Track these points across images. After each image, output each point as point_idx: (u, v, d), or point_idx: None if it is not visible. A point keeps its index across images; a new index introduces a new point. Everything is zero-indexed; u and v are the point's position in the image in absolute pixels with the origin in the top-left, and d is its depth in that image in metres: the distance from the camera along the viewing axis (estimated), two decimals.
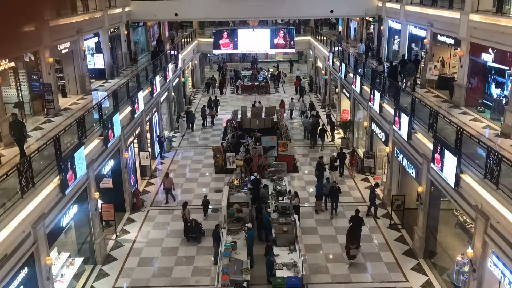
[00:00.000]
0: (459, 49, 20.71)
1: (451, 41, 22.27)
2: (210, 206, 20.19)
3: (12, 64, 18.35)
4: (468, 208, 12.86)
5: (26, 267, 11.42)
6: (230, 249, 15.54)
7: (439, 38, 23.46)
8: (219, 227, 16.99)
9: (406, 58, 25.11)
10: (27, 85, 19.60)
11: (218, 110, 35.15)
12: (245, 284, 13.86)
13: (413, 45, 27.67)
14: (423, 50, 25.41)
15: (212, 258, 16.87)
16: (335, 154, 24.91)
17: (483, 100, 19.72)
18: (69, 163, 13.38)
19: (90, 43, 26.47)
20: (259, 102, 34.82)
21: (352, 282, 15.58)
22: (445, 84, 22.60)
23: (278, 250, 15.89)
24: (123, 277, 15.99)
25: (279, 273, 14.62)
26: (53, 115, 19.11)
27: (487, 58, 18.50)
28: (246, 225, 16.96)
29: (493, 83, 19.51)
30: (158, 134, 27.47)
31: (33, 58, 19.66)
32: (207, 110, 33.12)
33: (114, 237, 18.32)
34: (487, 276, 12.28)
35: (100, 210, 17.18)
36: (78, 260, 15.64)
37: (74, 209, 14.74)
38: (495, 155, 11.36)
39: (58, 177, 12.94)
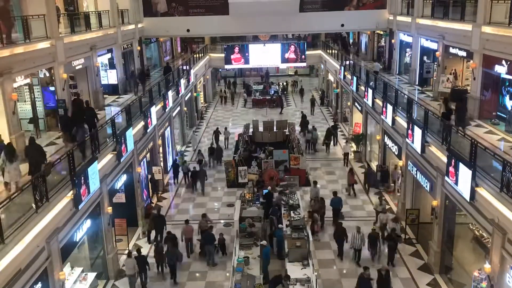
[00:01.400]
0: (471, 61, 20.58)
1: (464, 53, 22.14)
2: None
3: (28, 80, 18.66)
4: (485, 222, 12.64)
5: (39, 282, 11.44)
6: (242, 264, 15.44)
7: (451, 50, 23.35)
8: (212, 229, 17.55)
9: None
10: (42, 101, 19.88)
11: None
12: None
13: (425, 58, 27.57)
14: (435, 63, 25.31)
15: (208, 263, 17.43)
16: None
17: (497, 113, 19.50)
18: (82, 177, 13.47)
19: (103, 59, 26.82)
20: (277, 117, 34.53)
21: None
22: (458, 97, 22.40)
23: (291, 265, 15.72)
24: None
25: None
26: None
27: (501, 70, 18.33)
28: (261, 243, 16.82)
29: (507, 95, 19.30)
30: (175, 158, 27.22)
31: (47, 74, 19.98)
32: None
33: (126, 252, 18.28)
34: None
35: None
36: (91, 275, 15.63)
37: (87, 223, 14.79)
38: (511, 168, 11.18)
39: (71, 191, 13.02)
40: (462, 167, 13.26)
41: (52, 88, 19.99)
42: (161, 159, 25.50)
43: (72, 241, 13.76)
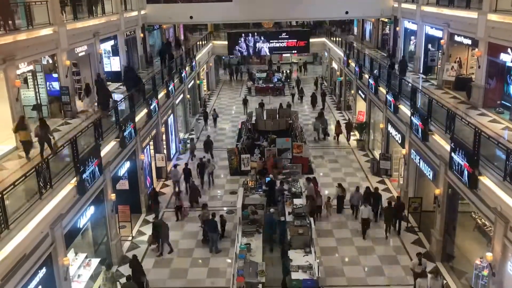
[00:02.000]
0: (476, 49, 20.40)
1: (469, 42, 21.95)
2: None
3: (31, 67, 18.63)
4: (487, 211, 12.65)
5: (44, 267, 11.56)
6: (245, 251, 15.54)
7: (456, 38, 23.15)
8: (215, 216, 17.65)
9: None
10: (45, 87, 19.88)
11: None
12: (260, 286, 13.82)
13: (429, 46, 27.36)
14: (440, 51, 25.11)
15: (211, 250, 17.60)
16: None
17: (502, 101, 19.38)
18: (86, 164, 13.53)
19: (106, 46, 26.73)
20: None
21: (368, 285, 15.44)
22: (463, 85, 22.28)
23: (293, 253, 15.81)
24: None
25: (294, 275, 14.54)
26: (70, 118, 19.33)
27: (506, 58, 18.17)
28: (271, 210, 17.72)
29: None
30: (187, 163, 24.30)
31: (50, 61, 19.95)
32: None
33: (130, 238, 18.45)
34: (507, 280, 12.06)
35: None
36: (95, 261, 15.77)
37: (91, 210, 14.88)
38: None
39: (75, 178, 13.09)
40: (465, 156, 13.23)
41: (55, 75, 20.01)
42: (164, 146, 25.54)
43: (76, 228, 13.86)
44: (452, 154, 14.28)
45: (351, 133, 29.58)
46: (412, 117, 18.55)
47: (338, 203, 20.35)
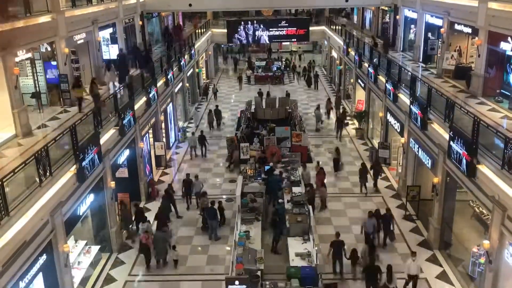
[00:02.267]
0: (476, 38, 20.34)
1: (469, 30, 21.87)
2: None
3: (29, 55, 18.56)
4: (485, 199, 12.73)
5: (44, 254, 11.65)
6: (244, 239, 15.64)
7: (456, 27, 23.05)
8: (214, 204, 17.70)
9: None
10: (44, 75, 19.81)
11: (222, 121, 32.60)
12: (259, 273, 13.93)
13: (429, 35, 27.26)
14: (440, 40, 25.03)
15: (210, 237, 17.69)
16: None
17: (501, 90, 19.37)
18: (86, 152, 13.55)
19: (105, 33, 26.59)
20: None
21: None
22: (462, 74, 22.25)
23: (292, 240, 15.92)
24: (138, 265, 16.22)
25: (293, 263, 14.65)
26: (69, 106, 19.30)
27: (506, 47, 18.13)
28: (280, 200, 17.88)
29: None
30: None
31: (49, 49, 19.86)
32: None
33: (129, 225, 18.52)
34: (504, 267, 12.18)
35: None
36: (95, 248, 15.88)
37: (91, 198, 14.94)
38: None
39: (75, 166, 13.12)
40: (464, 144, 13.27)
41: (54, 63, 19.94)
42: (164, 135, 25.56)
43: (76, 215, 13.93)
44: (451, 142, 14.32)
45: (346, 120, 29.71)
46: (411, 106, 18.56)
47: (334, 164, 22.82)
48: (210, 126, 30.56)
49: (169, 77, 25.51)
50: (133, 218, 17.79)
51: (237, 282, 12.73)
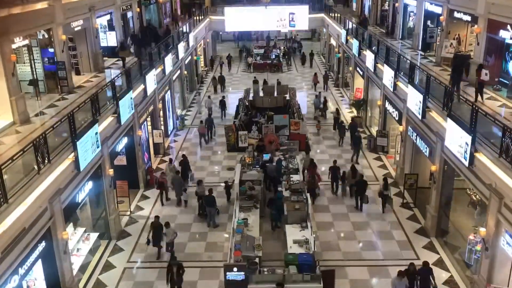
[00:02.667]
0: (476, 26, 20.25)
1: (468, 18, 21.77)
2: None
3: (26, 41, 18.43)
4: (482, 187, 12.79)
5: (43, 241, 11.71)
6: (242, 226, 15.71)
7: (456, 15, 22.93)
8: (212, 191, 17.89)
9: None
10: (41, 62, 19.71)
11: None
12: (257, 260, 14.03)
13: (428, 22, 27.13)
14: (439, 28, 24.91)
15: (209, 225, 17.82)
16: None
17: (500, 79, 19.35)
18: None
19: (102, 20, 26.40)
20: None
21: (363, 259, 15.69)
22: (461, 62, 22.16)
23: (290, 227, 16.01)
24: (137, 252, 16.31)
25: (291, 250, 14.76)
26: (67, 93, 19.24)
27: (505, 35, 18.07)
28: (279, 189, 18.13)
29: (511, 61, 19.11)
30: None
31: (46, 36, 19.72)
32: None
33: (128, 213, 18.62)
34: (500, 254, 12.29)
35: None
36: (94, 235, 15.95)
37: (89, 185, 14.97)
38: (510, 133, 11.21)
39: (73, 153, 13.12)
40: (462, 133, 13.29)
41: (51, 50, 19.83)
42: (162, 122, 25.52)
43: (75, 202, 13.97)
44: (449, 131, 14.32)
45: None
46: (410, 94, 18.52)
47: (335, 123, 26.01)
48: (214, 89, 35.60)
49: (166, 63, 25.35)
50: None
51: (235, 269, 12.83)
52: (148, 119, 23.06)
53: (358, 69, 29.69)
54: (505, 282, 12.27)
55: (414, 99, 17.89)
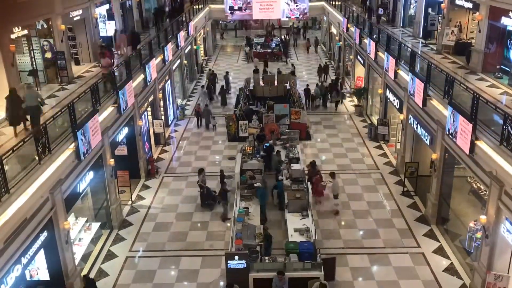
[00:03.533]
0: (477, 13, 20.13)
1: (470, 5, 21.63)
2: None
3: (25, 32, 18.37)
4: (483, 175, 12.79)
5: (45, 231, 11.76)
6: (243, 215, 15.77)
7: (457, 2, 22.79)
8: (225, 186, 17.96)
9: None
10: (41, 53, 19.65)
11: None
12: (258, 248, 14.10)
13: (429, 10, 26.96)
14: (440, 15, 24.77)
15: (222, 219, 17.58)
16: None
17: (501, 66, 19.29)
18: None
19: (101, 10, 26.26)
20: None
21: (364, 247, 15.75)
22: (462, 50, 22.11)
23: (290, 216, 16.07)
24: (139, 241, 16.39)
25: (291, 238, 14.82)
26: (66, 83, 19.21)
27: (507, 22, 17.97)
28: (255, 185, 17.39)
29: None
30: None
31: (45, 26, 19.65)
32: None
33: (129, 203, 18.68)
34: (500, 242, 12.33)
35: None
36: (95, 225, 16.01)
37: (90, 175, 14.99)
38: (511, 121, 11.19)
39: (73, 144, 13.13)
40: (463, 121, 13.27)
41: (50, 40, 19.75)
42: (162, 112, 25.50)
43: (76, 192, 14.00)
44: (450, 119, 14.30)
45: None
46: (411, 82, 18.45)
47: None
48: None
49: (166, 53, 25.24)
50: None
51: (236, 257, 12.92)
52: (149, 109, 23.03)
53: (359, 57, 29.56)
54: (505, 269, 12.32)
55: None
